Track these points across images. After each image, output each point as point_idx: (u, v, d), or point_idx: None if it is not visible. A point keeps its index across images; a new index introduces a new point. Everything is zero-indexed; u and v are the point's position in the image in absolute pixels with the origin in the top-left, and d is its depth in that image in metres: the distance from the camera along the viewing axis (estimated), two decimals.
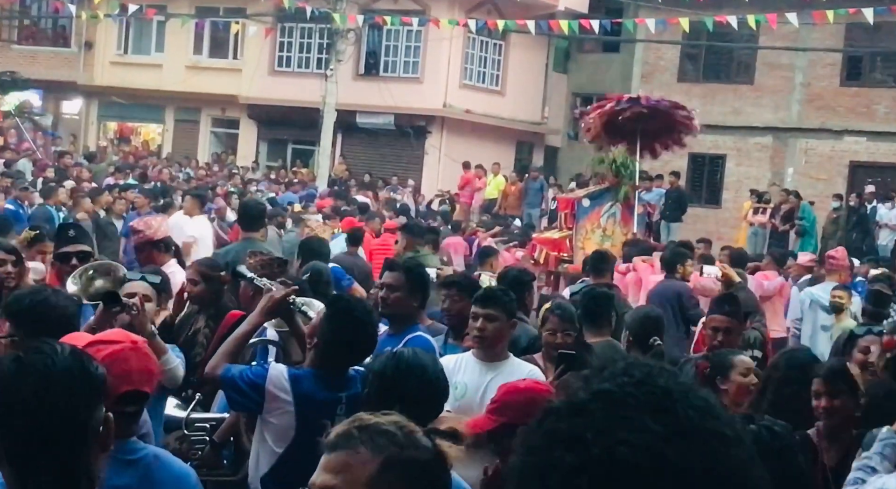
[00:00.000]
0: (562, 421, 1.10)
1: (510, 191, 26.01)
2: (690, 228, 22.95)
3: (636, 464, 1.04)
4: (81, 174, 21.63)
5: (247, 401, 4.40)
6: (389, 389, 3.66)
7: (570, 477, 1.06)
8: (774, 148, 27.04)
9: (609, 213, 14.68)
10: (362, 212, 17.57)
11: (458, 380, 5.09)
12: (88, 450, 2.35)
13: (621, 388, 1.10)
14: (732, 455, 1.08)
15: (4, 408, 2.35)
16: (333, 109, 27.22)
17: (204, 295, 6.36)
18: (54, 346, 2.45)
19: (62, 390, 2.33)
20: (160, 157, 30.86)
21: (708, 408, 1.10)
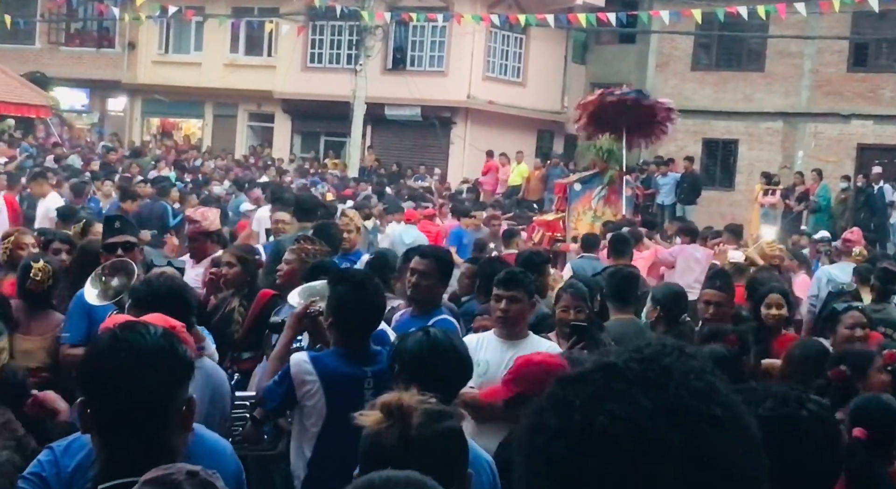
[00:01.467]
0: (562, 388, 1.10)
1: (533, 177, 25.97)
2: (705, 211, 22.86)
3: (613, 434, 1.02)
4: (132, 169, 21.74)
5: (280, 400, 4.44)
6: (421, 368, 3.67)
7: (551, 440, 1.05)
8: (785, 132, 26.84)
9: (599, 195, 15.49)
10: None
11: (481, 359, 5.11)
12: (170, 428, 2.39)
13: (625, 363, 1.09)
14: (718, 437, 1.04)
15: (97, 380, 2.42)
16: (363, 103, 27.26)
17: (239, 277, 6.41)
18: (148, 327, 2.50)
19: (150, 367, 2.38)
20: (200, 151, 30.99)
21: (705, 390, 1.07)
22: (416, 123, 30.11)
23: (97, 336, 2.59)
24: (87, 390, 2.45)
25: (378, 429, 2.56)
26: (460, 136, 29.98)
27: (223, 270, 6.49)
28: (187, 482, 1.88)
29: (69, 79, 33.81)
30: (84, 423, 2.44)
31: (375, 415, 2.60)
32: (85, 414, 2.42)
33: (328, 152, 31.19)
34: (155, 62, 34.17)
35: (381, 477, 1.90)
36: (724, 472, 1.03)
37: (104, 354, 2.44)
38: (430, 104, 29.17)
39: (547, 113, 31.40)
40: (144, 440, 2.34)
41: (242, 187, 19.35)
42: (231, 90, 31.81)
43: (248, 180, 22.33)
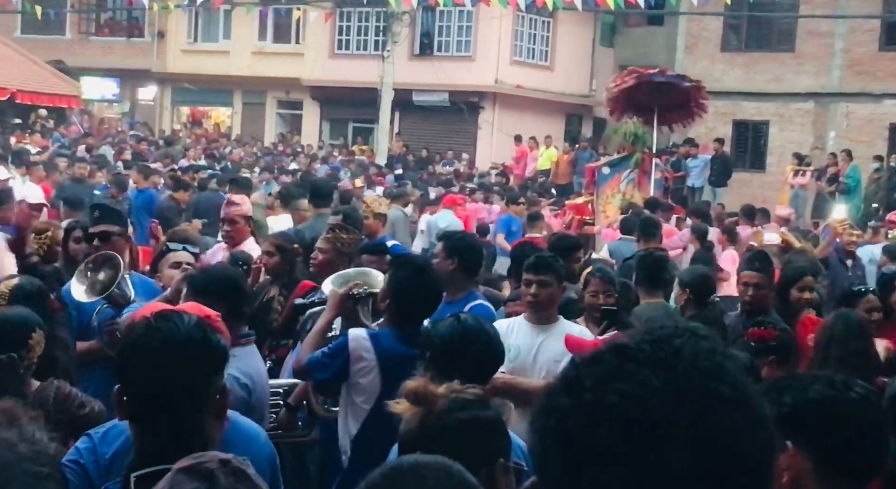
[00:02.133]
0: (575, 369, 1.13)
1: (561, 161, 25.89)
2: (736, 193, 22.71)
3: (622, 413, 1.04)
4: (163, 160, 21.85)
5: (332, 372, 4.45)
6: (452, 354, 3.68)
7: (562, 418, 1.08)
8: (816, 113, 26.58)
9: (628, 178, 15.59)
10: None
11: (512, 343, 5.09)
12: (203, 416, 2.43)
13: (637, 344, 1.11)
14: (726, 416, 1.06)
15: (131, 367, 2.47)
16: (391, 89, 27.27)
17: (278, 266, 6.41)
18: (182, 316, 2.55)
19: (182, 355, 2.43)
20: (230, 139, 31.12)
21: (714, 370, 1.09)
22: (443, 109, 30.08)
23: (133, 325, 2.61)
24: (122, 377, 2.50)
25: (407, 417, 2.61)
26: (488, 120, 29.92)
27: (263, 259, 6.50)
28: (220, 470, 1.88)
29: (99, 68, 34.01)
30: (120, 410, 2.49)
31: (405, 403, 2.63)
32: (121, 401, 2.46)
33: (356, 139, 31.23)
34: (184, 51, 34.32)
35: (410, 461, 1.92)
36: (732, 451, 1.05)
37: (139, 342, 2.49)
38: (457, 89, 29.12)
39: (575, 96, 31.27)
40: (179, 427, 2.38)
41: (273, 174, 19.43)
42: (259, 78, 31.90)
43: (278, 167, 22.42)
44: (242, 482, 1.90)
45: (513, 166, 26.59)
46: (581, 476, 1.05)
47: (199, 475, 1.87)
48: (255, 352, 4.33)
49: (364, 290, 4.96)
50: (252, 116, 34.02)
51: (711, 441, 1.04)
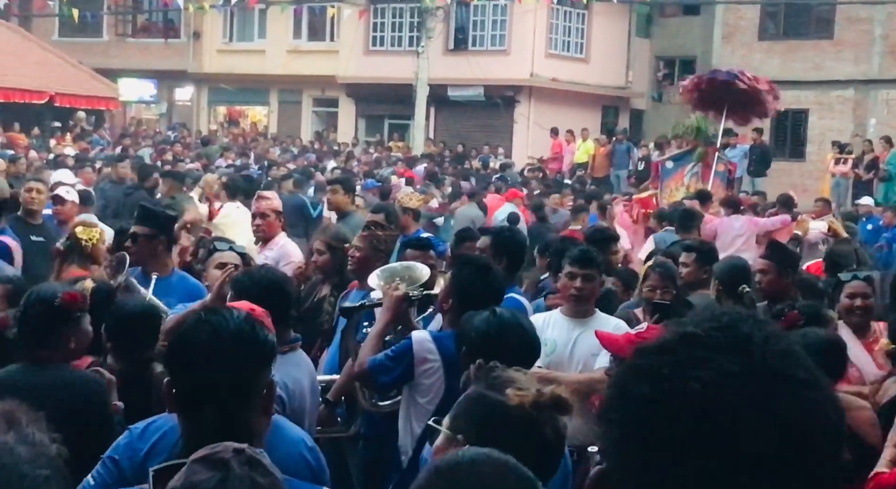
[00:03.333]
0: (646, 358, 1.13)
1: (598, 154, 25.78)
2: (776, 182, 22.50)
3: (707, 399, 1.06)
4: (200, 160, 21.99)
5: (396, 375, 4.47)
6: (488, 348, 3.65)
7: (645, 408, 1.09)
8: (856, 100, 26.29)
9: (692, 172, 16.01)
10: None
11: (548, 337, 5.08)
12: (250, 410, 2.46)
13: (706, 332, 1.12)
14: (805, 397, 1.08)
15: (180, 360, 2.52)
16: (426, 84, 27.28)
17: (329, 264, 6.41)
18: (231, 311, 2.60)
19: (230, 349, 2.46)
20: (267, 138, 31.28)
21: (787, 353, 1.11)
22: (479, 103, 30.03)
23: (182, 319, 2.65)
24: (171, 370, 2.56)
25: (534, 415, 2.56)
26: (524, 114, 29.85)
27: (313, 258, 6.51)
28: (234, 459, 1.91)
29: (137, 70, 34.31)
30: (169, 403, 2.53)
31: (531, 397, 2.59)
32: (169, 393, 2.50)
33: (392, 135, 31.27)
34: (220, 51, 34.52)
35: (467, 457, 1.92)
36: (815, 431, 1.07)
37: (188, 335, 2.53)
38: (492, 83, 29.07)
39: (611, 88, 31.11)
40: (225, 420, 2.40)
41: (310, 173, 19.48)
42: (295, 76, 32.02)
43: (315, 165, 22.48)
44: (257, 470, 1.92)
45: (549, 160, 26.50)
46: (665, 463, 1.07)
47: (214, 464, 1.90)
48: (297, 359, 4.25)
49: (420, 291, 4.97)
50: (288, 115, 34.16)
51: (792, 424, 1.06)
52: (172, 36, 35.84)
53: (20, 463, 1.17)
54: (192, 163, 20.53)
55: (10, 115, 26.55)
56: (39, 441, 1.22)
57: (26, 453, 1.19)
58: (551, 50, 29.90)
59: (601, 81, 30.49)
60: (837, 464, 1.10)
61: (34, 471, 1.18)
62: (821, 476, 1.08)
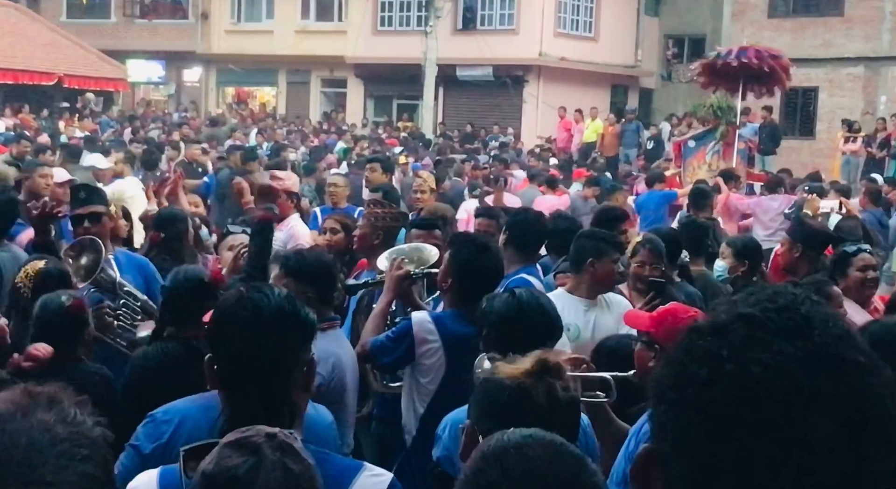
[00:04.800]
0: (702, 338, 1.12)
1: (607, 133, 25.69)
2: (785, 160, 22.41)
3: (767, 382, 1.05)
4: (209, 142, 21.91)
5: (397, 356, 4.47)
6: (509, 329, 3.65)
7: (703, 389, 1.08)
8: (866, 77, 26.14)
9: (713, 150, 16.38)
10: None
11: (570, 322, 4.98)
12: (291, 387, 2.46)
13: (763, 313, 1.11)
14: (866, 382, 1.07)
15: (222, 336, 2.52)
16: (434, 64, 27.18)
17: (342, 243, 6.45)
18: (273, 289, 2.60)
19: (272, 326, 2.46)
20: (275, 118, 31.23)
21: (846, 336, 1.10)
22: (488, 83, 29.95)
23: (226, 295, 2.66)
24: (212, 346, 2.55)
25: (526, 383, 2.59)
26: (533, 94, 29.75)
27: (327, 236, 6.54)
28: (266, 444, 1.90)
29: (145, 51, 34.28)
30: (210, 379, 2.53)
31: (522, 367, 2.62)
32: (211, 369, 2.50)
33: (401, 115, 31.21)
34: (228, 31, 34.43)
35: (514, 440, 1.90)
36: (873, 416, 1.07)
37: (229, 312, 2.53)
38: (501, 63, 28.98)
39: (620, 67, 30.98)
40: (267, 397, 2.41)
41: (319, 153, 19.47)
42: (303, 57, 31.95)
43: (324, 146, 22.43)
44: (289, 456, 1.91)
45: (557, 140, 26.43)
46: (727, 445, 1.06)
47: (247, 449, 1.89)
48: (336, 336, 4.29)
49: (421, 271, 4.95)
50: (297, 95, 34.11)
51: (854, 407, 1.06)
52: (180, 16, 35.77)
53: (57, 442, 1.17)
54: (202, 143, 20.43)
55: (19, 97, 26.56)
56: (80, 421, 1.22)
57: (64, 432, 1.19)
58: (560, 29, 29.77)
59: (610, 60, 30.36)
60: (893, 448, 1.09)
61: (71, 449, 1.17)
62: (880, 461, 1.08)
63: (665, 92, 30.80)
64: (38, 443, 1.15)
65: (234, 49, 33.42)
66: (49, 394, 1.23)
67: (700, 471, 1.08)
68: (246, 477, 1.85)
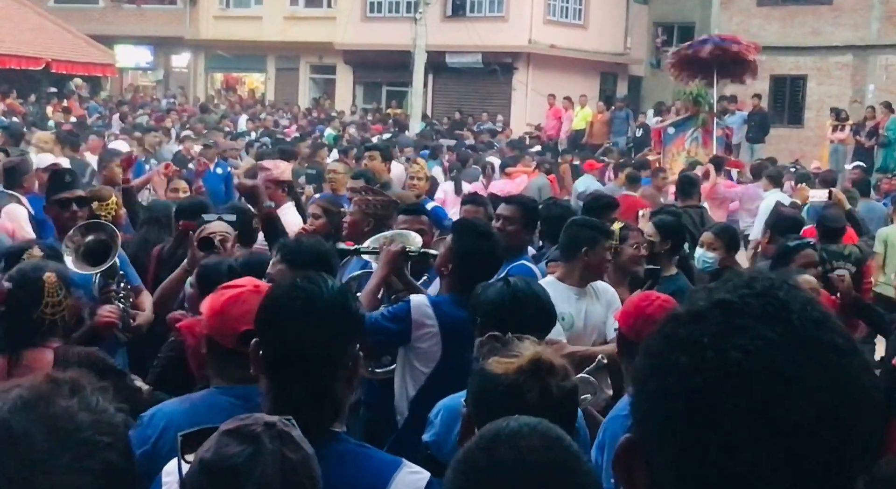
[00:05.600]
0: (680, 326, 1.12)
1: (596, 121, 25.67)
2: (774, 148, 22.46)
3: (749, 368, 1.05)
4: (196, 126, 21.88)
5: (393, 336, 4.46)
6: (503, 318, 3.64)
7: (684, 377, 1.07)
8: (855, 66, 26.17)
9: (692, 137, 16.68)
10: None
11: (564, 311, 4.98)
12: (337, 380, 2.44)
13: (741, 298, 1.10)
14: (845, 364, 1.07)
15: (271, 324, 2.48)
16: (423, 51, 27.05)
17: (325, 228, 6.42)
18: (326, 280, 2.55)
19: (322, 318, 2.43)
20: (264, 105, 31.13)
21: (824, 320, 1.10)
22: (477, 70, 29.90)
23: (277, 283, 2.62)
24: (261, 333, 2.51)
25: (518, 381, 2.58)
26: (522, 81, 29.71)
27: (309, 221, 6.55)
28: (265, 433, 1.89)
29: (133, 36, 34.09)
30: (255, 364, 2.49)
31: (515, 363, 2.61)
32: (256, 355, 2.47)
33: (390, 102, 31.14)
34: (216, 17, 34.28)
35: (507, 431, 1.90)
36: (854, 400, 1.07)
37: (280, 301, 2.50)
38: (491, 50, 28.93)
39: (610, 55, 30.95)
40: (311, 388, 2.39)
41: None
42: (292, 43, 31.84)
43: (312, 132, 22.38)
44: (287, 445, 1.90)
45: (545, 127, 26.39)
46: (710, 432, 1.06)
47: (245, 438, 1.88)
48: None
49: (418, 249, 4.96)
50: (286, 82, 33.99)
51: (834, 391, 1.06)
52: (169, 2, 35.57)
53: (81, 428, 1.18)
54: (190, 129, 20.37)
55: (7, 82, 26.39)
56: (103, 409, 1.22)
57: (88, 419, 1.19)
58: (549, 16, 29.73)
59: (599, 48, 30.33)
60: (876, 431, 1.10)
61: (94, 436, 1.18)
62: (861, 443, 1.08)
63: (654, 79, 30.77)
64: (61, 431, 1.16)
65: (223, 35, 33.28)
66: (71, 380, 1.23)
67: (684, 459, 1.08)
68: (244, 466, 1.84)
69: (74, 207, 5.76)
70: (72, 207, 5.75)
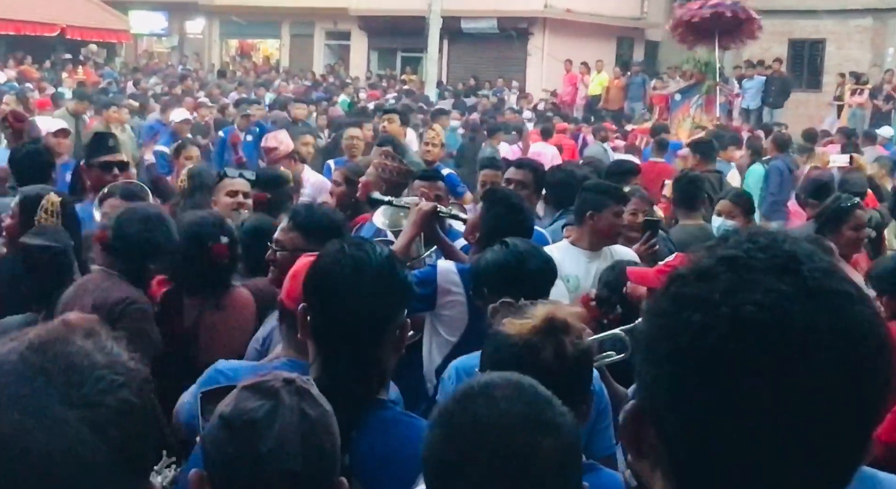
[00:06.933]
0: (688, 285, 1.10)
1: (613, 86, 25.54)
2: (792, 113, 22.30)
3: (764, 321, 1.04)
4: (213, 92, 21.86)
5: (418, 301, 4.35)
6: (506, 279, 3.66)
7: (698, 335, 1.06)
8: (874, 29, 25.90)
9: (697, 104, 17.04)
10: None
11: (570, 274, 5.04)
12: (384, 347, 2.45)
13: (746, 253, 1.09)
14: (857, 312, 1.07)
15: (319, 291, 2.48)
16: (439, 17, 26.89)
17: (345, 196, 6.44)
18: (374, 246, 2.55)
19: (372, 284, 2.43)
20: (279, 71, 31.05)
21: (831, 269, 1.09)
22: (492, 36, 29.73)
23: (325, 250, 2.61)
24: (309, 297, 2.51)
25: (533, 340, 2.57)
26: (538, 47, 29.54)
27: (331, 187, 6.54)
28: (284, 389, 1.90)
29: (147, 2, 34.01)
30: (303, 329, 2.50)
31: (529, 323, 2.60)
32: (304, 320, 2.48)
33: (405, 68, 31.02)
34: None
35: (481, 383, 1.92)
36: (870, 346, 1.06)
37: (329, 266, 2.49)
38: (506, 15, 28.75)
39: (626, 20, 30.72)
40: (358, 354, 2.39)
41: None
42: (307, 8, 31.69)
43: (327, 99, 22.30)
44: (306, 400, 1.91)
45: (561, 94, 26.27)
46: (726, 391, 1.04)
47: (264, 393, 1.89)
48: None
49: (450, 210, 4.91)
50: (300, 48, 33.89)
51: (849, 339, 1.05)
52: None
53: (97, 366, 1.19)
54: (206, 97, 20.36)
55: (21, 48, 26.40)
56: (117, 353, 1.23)
57: (102, 359, 1.21)
58: None
59: (616, 12, 30.10)
60: (891, 379, 1.09)
61: (109, 375, 1.19)
62: (878, 392, 1.07)
63: (671, 44, 30.48)
64: (77, 367, 1.18)
65: (238, 0, 33.14)
66: (86, 326, 1.25)
67: (699, 421, 1.06)
68: (263, 420, 1.84)
69: (116, 171, 5.86)
70: (114, 171, 5.87)
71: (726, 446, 1.05)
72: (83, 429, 1.14)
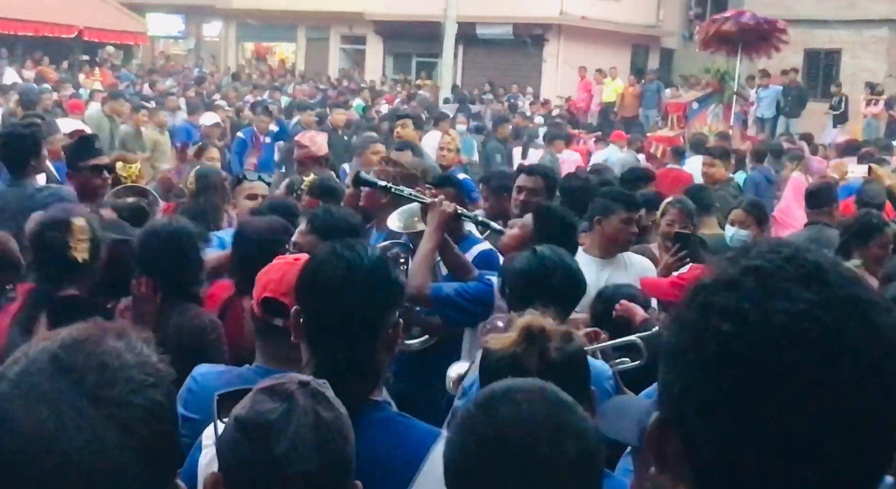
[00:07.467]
0: (715, 295, 1.10)
1: (627, 93, 25.52)
2: (807, 122, 22.23)
3: (794, 329, 1.05)
4: (228, 94, 21.92)
5: (468, 316, 4.39)
6: (532, 287, 3.62)
7: (727, 344, 1.07)
8: (890, 40, 25.82)
9: (713, 113, 17.43)
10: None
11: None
12: (377, 346, 2.45)
13: (771, 263, 1.10)
14: (884, 319, 1.08)
15: (312, 290, 2.49)
16: (454, 22, 26.91)
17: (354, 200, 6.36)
18: (366, 247, 2.57)
19: (362, 284, 2.43)
20: (294, 75, 31.11)
21: (856, 278, 1.11)
22: (507, 42, 29.75)
23: (318, 250, 2.62)
24: (301, 299, 2.52)
25: (517, 351, 2.59)
26: (553, 53, 29.54)
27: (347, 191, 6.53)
28: (299, 391, 1.91)
29: (165, 5, 34.12)
30: (295, 331, 2.50)
31: (510, 337, 2.62)
32: (297, 322, 2.49)
33: (420, 73, 31.04)
34: None
35: (503, 387, 1.92)
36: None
37: (322, 267, 2.49)
38: (521, 22, 28.77)
39: (641, 27, 30.70)
40: (351, 354, 2.40)
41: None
42: (323, 13, 31.74)
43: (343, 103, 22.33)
44: (321, 403, 1.92)
45: (575, 101, 26.25)
46: (758, 398, 1.05)
47: (280, 395, 1.91)
48: None
49: (474, 215, 4.86)
50: (316, 52, 33.95)
51: (878, 345, 1.06)
52: None
53: (127, 367, 1.22)
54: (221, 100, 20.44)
55: (39, 49, 26.52)
56: (147, 354, 1.26)
57: (133, 360, 1.23)
58: None
59: (631, 20, 30.09)
60: None
61: (139, 376, 1.22)
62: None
63: (686, 53, 30.49)
64: (109, 367, 1.20)
65: (254, 4, 33.20)
66: (117, 328, 1.28)
67: (731, 429, 1.07)
68: (278, 422, 1.86)
69: (105, 175, 5.70)
70: (103, 175, 5.69)
71: (756, 453, 1.06)
72: (111, 427, 1.16)
